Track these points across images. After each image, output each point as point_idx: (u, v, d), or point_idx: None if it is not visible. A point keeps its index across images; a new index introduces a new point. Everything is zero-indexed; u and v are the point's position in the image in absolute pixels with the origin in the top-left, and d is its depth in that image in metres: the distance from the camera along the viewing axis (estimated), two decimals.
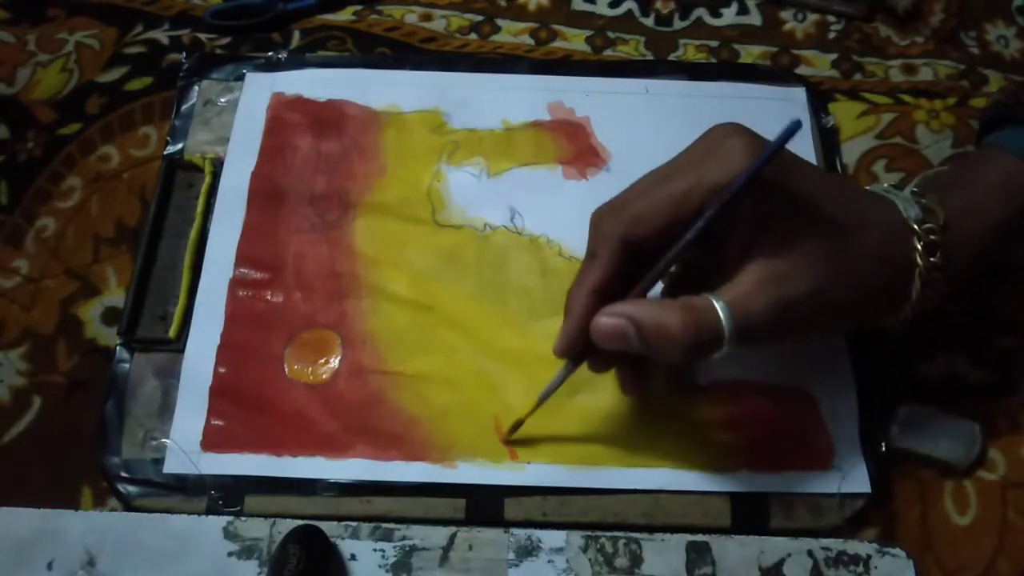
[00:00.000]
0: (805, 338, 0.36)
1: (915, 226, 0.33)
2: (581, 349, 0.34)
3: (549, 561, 0.36)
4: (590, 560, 0.36)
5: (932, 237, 0.33)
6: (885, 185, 0.36)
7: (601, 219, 0.33)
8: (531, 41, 0.52)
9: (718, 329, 0.31)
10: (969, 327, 0.43)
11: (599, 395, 0.40)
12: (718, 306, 0.31)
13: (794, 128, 0.29)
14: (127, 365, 0.41)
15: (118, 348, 0.41)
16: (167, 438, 0.39)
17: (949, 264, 0.33)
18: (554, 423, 0.39)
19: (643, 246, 0.32)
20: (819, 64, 0.51)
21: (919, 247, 0.33)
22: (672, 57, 0.51)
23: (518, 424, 0.38)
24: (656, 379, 0.39)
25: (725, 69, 0.51)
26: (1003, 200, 0.35)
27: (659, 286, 0.35)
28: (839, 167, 0.47)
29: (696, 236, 0.31)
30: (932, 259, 0.33)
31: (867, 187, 0.36)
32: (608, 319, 0.32)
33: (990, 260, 0.36)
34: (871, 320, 0.36)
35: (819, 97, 0.49)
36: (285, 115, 0.47)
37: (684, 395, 0.40)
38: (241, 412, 0.39)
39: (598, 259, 0.33)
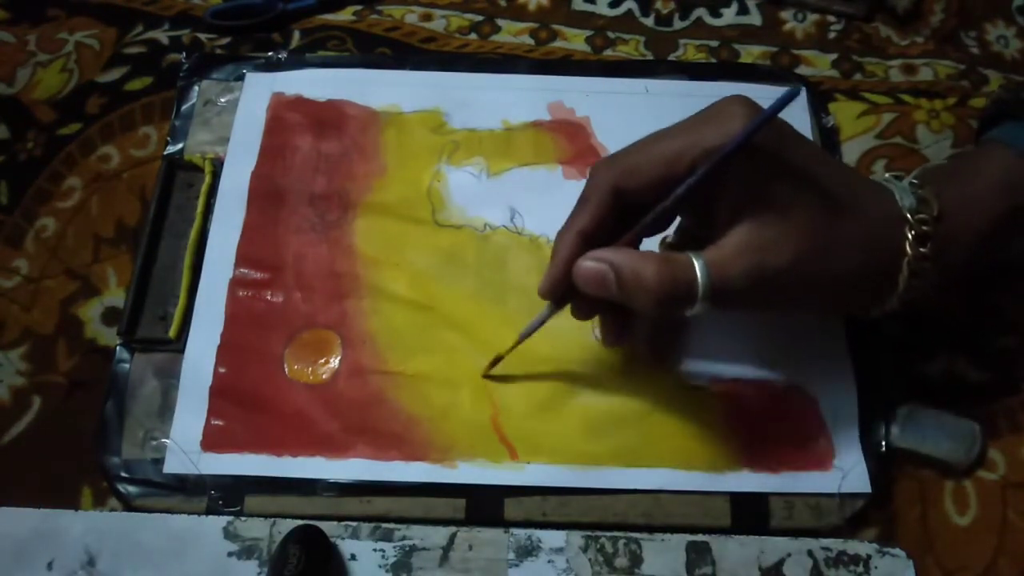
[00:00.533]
0: (784, 311, 0.37)
1: (908, 215, 0.33)
2: (564, 292, 0.35)
3: (549, 561, 0.36)
4: (590, 560, 0.36)
5: (924, 228, 0.33)
6: (887, 175, 0.36)
7: (597, 168, 0.34)
8: (531, 41, 0.52)
9: (693, 285, 0.31)
10: (969, 327, 0.43)
11: (599, 395, 0.40)
12: (696, 263, 0.32)
13: (792, 94, 0.29)
14: (127, 365, 0.41)
15: (118, 348, 0.41)
16: (167, 438, 0.39)
17: (940, 256, 0.34)
18: (554, 423, 0.39)
19: (634, 198, 0.33)
20: (819, 64, 0.51)
21: (910, 236, 0.33)
22: (672, 57, 0.51)
23: (497, 359, 0.39)
24: (637, 345, 0.40)
25: (725, 69, 0.51)
26: (1000, 195, 0.35)
27: None
28: None
29: (687, 192, 0.31)
30: (922, 249, 0.33)
31: (869, 176, 0.37)
32: (590, 263, 0.33)
33: (986, 256, 0.36)
34: (858, 305, 0.36)
35: (819, 97, 0.49)
36: (285, 115, 0.47)
37: (660, 364, 0.40)
38: (241, 412, 0.39)
39: (588, 204, 0.34)
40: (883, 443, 0.39)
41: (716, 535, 0.37)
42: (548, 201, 0.45)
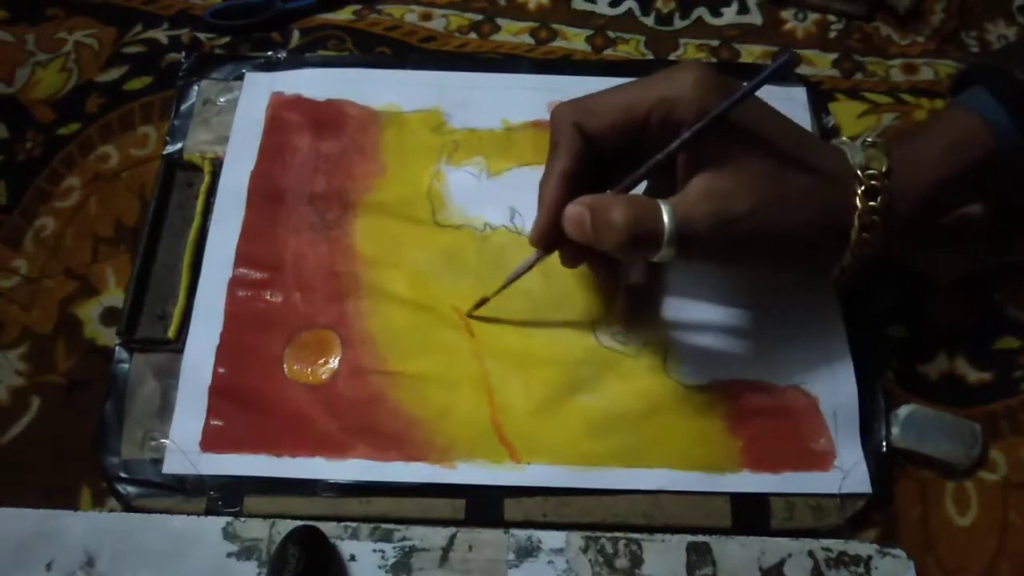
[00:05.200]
0: (746, 261, 0.38)
1: (858, 172, 0.35)
2: (552, 238, 0.36)
3: (549, 562, 0.36)
4: (590, 561, 0.36)
5: (873, 183, 0.35)
6: (844, 138, 0.38)
7: (557, 108, 0.36)
8: (531, 40, 0.52)
9: (659, 226, 0.33)
10: (969, 327, 0.43)
11: (599, 395, 0.40)
12: (663, 207, 0.33)
13: (788, 60, 0.32)
14: (126, 365, 0.41)
15: (117, 348, 0.41)
16: (166, 438, 0.39)
17: (889, 211, 0.35)
18: (554, 423, 0.39)
19: (597, 140, 0.35)
20: (820, 63, 0.51)
21: (859, 191, 0.35)
22: (673, 56, 0.51)
23: (483, 301, 0.40)
24: (617, 305, 0.42)
25: (725, 69, 0.50)
26: (952, 154, 0.36)
27: None
28: None
29: (680, 146, 0.33)
30: (871, 203, 0.35)
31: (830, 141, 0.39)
32: (573, 207, 0.35)
33: (935, 212, 0.38)
34: (815, 259, 0.38)
35: (820, 96, 0.49)
36: (284, 115, 0.47)
37: (633, 327, 0.41)
38: (240, 412, 0.39)
39: (559, 147, 0.36)
40: (884, 443, 0.39)
41: (716, 536, 0.37)
42: None
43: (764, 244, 0.35)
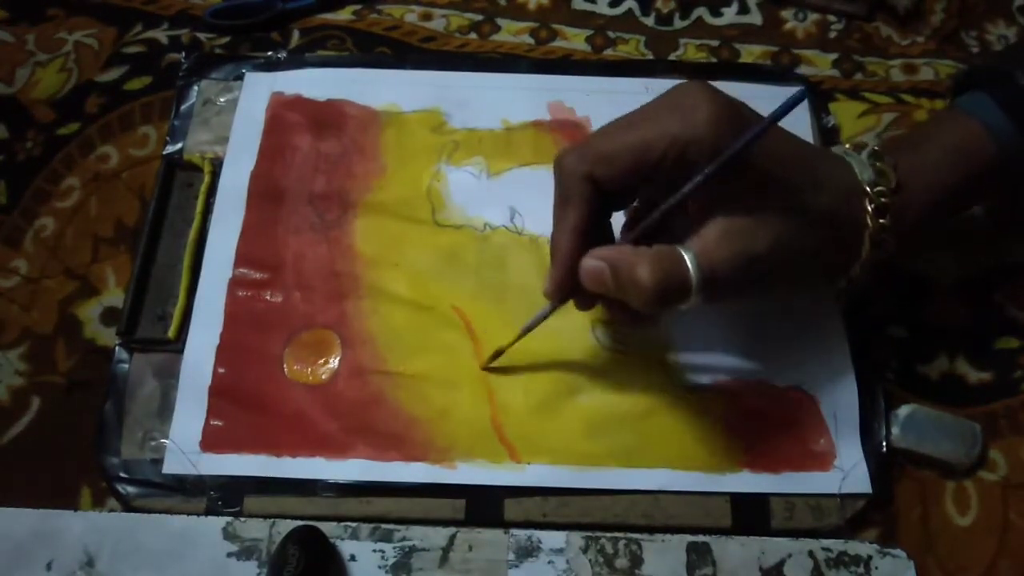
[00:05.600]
0: (767, 293, 0.38)
1: (867, 188, 0.35)
2: (568, 290, 0.36)
3: (549, 562, 0.36)
4: (590, 561, 0.36)
5: (883, 200, 0.35)
6: (847, 146, 0.38)
7: (565, 158, 0.34)
8: (531, 41, 0.52)
9: (687, 279, 0.32)
10: (969, 327, 0.43)
11: (599, 395, 0.40)
12: (687, 256, 0.32)
13: (797, 99, 0.30)
14: (126, 365, 0.41)
15: (117, 348, 0.41)
16: (166, 438, 0.39)
17: (897, 224, 0.35)
18: (554, 423, 0.39)
19: (608, 187, 0.34)
20: (820, 64, 0.51)
21: (870, 209, 0.35)
22: (672, 56, 0.51)
23: (498, 353, 0.40)
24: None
25: (726, 68, 0.51)
26: (953, 161, 0.36)
27: None
28: None
29: (693, 190, 0.32)
30: (882, 220, 0.35)
31: (831, 148, 0.38)
32: (590, 261, 0.34)
33: (939, 219, 0.38)
34: (825, 277, 0.37)
35: (820, 97, 0.49)
36: (284, 115, 0.47)
37: (635, 327, 0.41)
38: (240, 412, 0.39)
39: (571, 200, 0.34)
40: (884, 443, 0.39)
41: (716, 536, 0.37)
42: (548, 201, 0.44)
43: (784, 276, 0.35)
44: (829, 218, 0.34)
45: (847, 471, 0.39)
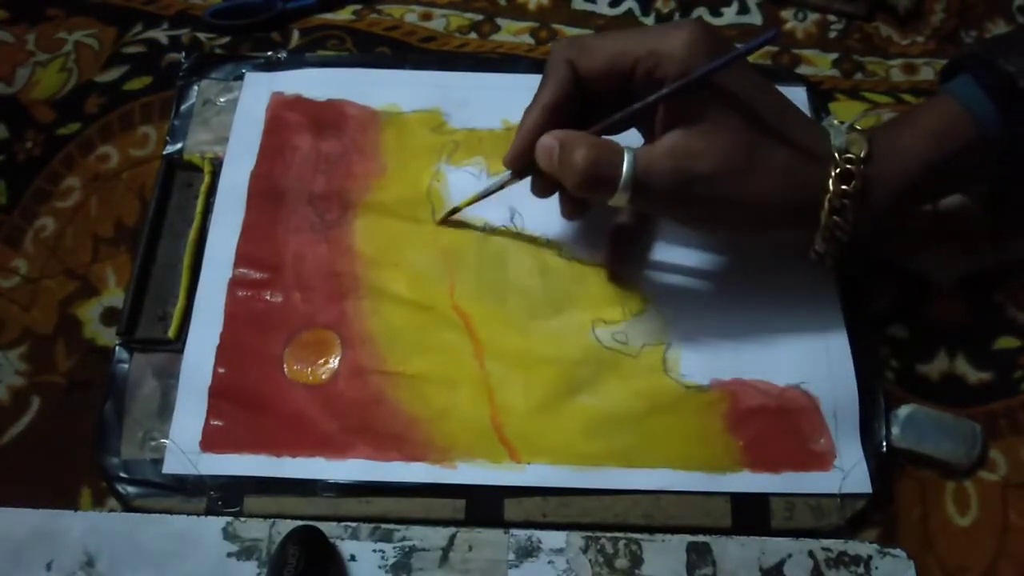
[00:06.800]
0: (705, 223, 0.39)
1: (835, 154, 0.36)
2: (525, 163, 0.38)
3: (549, 562, 0.36)
4: (590, 561, 0.36)
5: (849, 167, 0.35)
6: (835, 120, 0.38)
7: (556, 45, 0.37)
8: (531, 40, 0.52)
9: (616, 172, 0.34)
10: (969, 327, 0.43)
11: (599, 395, 0.40)
12: (626, 154, 0.35)
13: (775, 36, 0.34)
14: (126, 365, 0.41)
15: (117, 348, 0.41)
16: (166, 438, 0.39)
17: (864, 196, 0.36)
18: (554, 423, 0.39)
19: (586, 78, 0.36)
20: (820, 63, 0.51)
21: (833, 173, 0.35)
22: None
23: (454, 210, 0.43)
24: (602, 249, 0.43)
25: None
26: (933, 143, 0.37)
27: None
28: None
29: (657, 99, 0.34)
30: (844, 187, 0.35)
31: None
32: (546, 138, 0.36)
33: (913, 200, 0.39)
34: (781, 232, 0.39)
35: (820, 96, 0.49)
36: (284, 115, 0.47)
37: (614, 271, 0.42)
38: (240, 412, 0.39)
39: (549, 79, 0.37)
40: (884, 443, 0.39)
41: (716, 536, 0.37)
42: (548, 201, 0.45)
43: (723, 209, 0.36)
44: (786, 172, 0.35)
45: (847, 471, 0.39)
